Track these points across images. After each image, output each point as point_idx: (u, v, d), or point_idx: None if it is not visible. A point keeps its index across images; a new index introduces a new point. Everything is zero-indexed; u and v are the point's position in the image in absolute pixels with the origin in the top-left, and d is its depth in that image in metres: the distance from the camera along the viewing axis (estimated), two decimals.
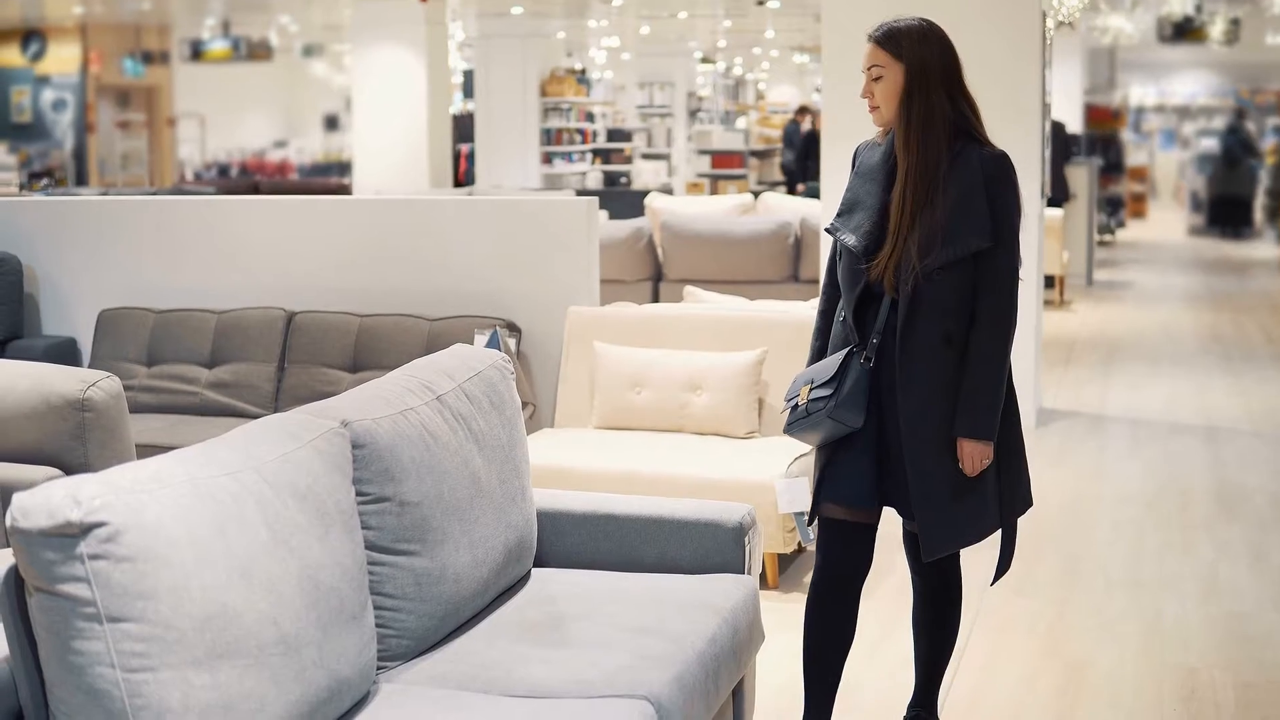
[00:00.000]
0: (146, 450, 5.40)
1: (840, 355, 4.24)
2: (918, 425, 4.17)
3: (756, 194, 16.17)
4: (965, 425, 4.15)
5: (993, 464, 4.21)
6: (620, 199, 15.51)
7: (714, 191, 22.61)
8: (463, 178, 20.00)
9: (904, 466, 4.20)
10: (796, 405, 4.28)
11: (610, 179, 23.44)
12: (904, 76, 4.17)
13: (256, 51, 25.71)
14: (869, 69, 4.24)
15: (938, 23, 4.26)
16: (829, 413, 4.17)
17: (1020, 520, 4.36)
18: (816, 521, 4.36)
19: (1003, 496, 4.28)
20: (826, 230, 4.38)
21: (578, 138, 23.15)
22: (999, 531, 4.33)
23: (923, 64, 4.16)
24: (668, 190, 20.33)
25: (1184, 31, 22.00)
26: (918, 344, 4.14)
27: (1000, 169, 4.16)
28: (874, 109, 4.25)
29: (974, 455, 4.16)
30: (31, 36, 25.49)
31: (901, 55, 4.17)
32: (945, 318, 4.14)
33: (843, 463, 4.26)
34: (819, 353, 4.42)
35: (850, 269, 4.25)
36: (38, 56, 25.49)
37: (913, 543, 4.42)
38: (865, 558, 4.34)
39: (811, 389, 4.23)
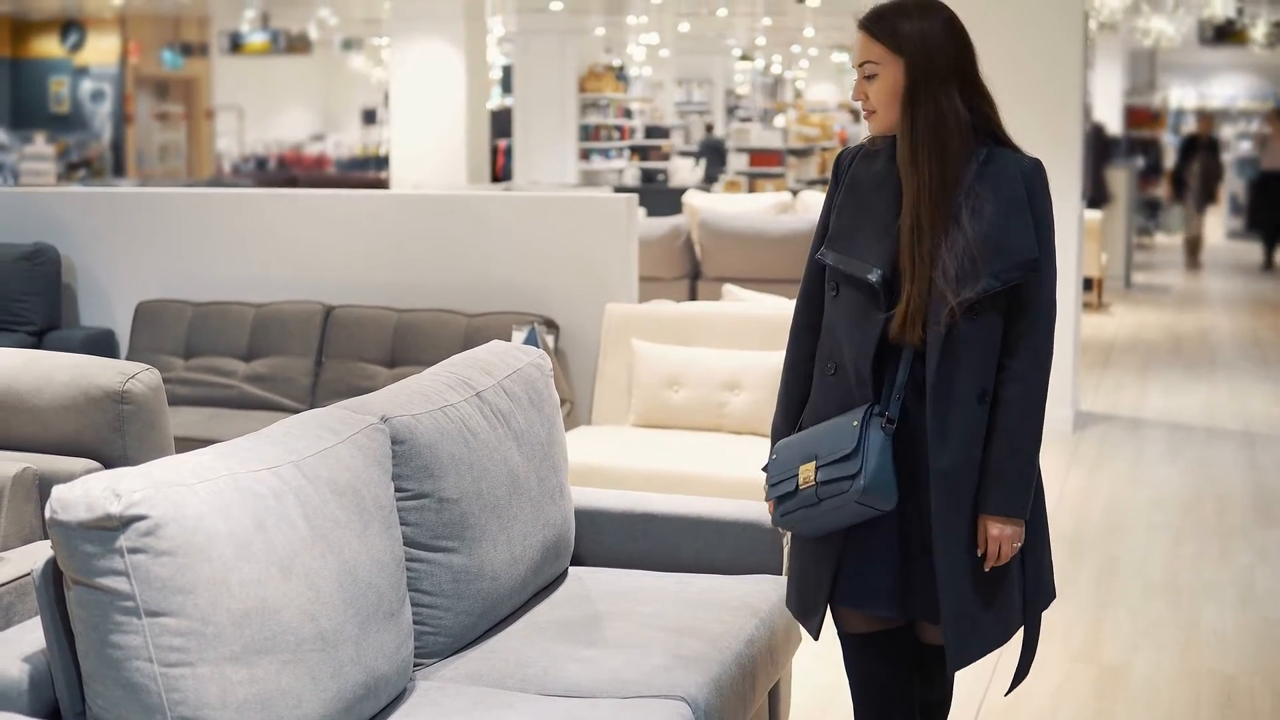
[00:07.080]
0: (183, 443, 5.38)
1: (854, 419, 3.37)
2: (955, 500, 3.36)
3: (795, 192, 16.15)
4: (996, 501, 3.35)
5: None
6: (658, 196, 15.47)
7: (752, 190, 22.61)
8: (500, 173, 20.01)
9: (926, 558, 3.42)
10: (796, 489, 3.43)
11: (647, 176, 23.41)
12: (905, 73, 3.35)
13: (295, 45, 25.72)
14: (861, 65, 3.42)
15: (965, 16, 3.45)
16: (857, 497, 3.32)
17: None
18: (838, 636, 3.71)
19: (1026, 587, 3.49)
20: (817, 259, 3.53)
21: (615, 134, 23.13)
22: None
23: (928, 55, 3.33)
24: (706, 189, 20.32)
25: (1225, 34, 21.88)
26: (953, 400, 3.33)
27: (1042, 181, 3.39)
28: (870, 114, 3.43)
29: (1005, 539, 3.35)
30: (70, 27, 25.59)
31: (901, 48, 3.35)
32: (980, 366, 3.33)
33: (862, 555, 3.48)
34: (792, 417, 3.59)
35: (861, 311, 3.41)
36: (76, 47, 25.60)
37: (919, 655, 3.67)
38: (907, 672, 3.67)
39: (820, 466, 3.37)
